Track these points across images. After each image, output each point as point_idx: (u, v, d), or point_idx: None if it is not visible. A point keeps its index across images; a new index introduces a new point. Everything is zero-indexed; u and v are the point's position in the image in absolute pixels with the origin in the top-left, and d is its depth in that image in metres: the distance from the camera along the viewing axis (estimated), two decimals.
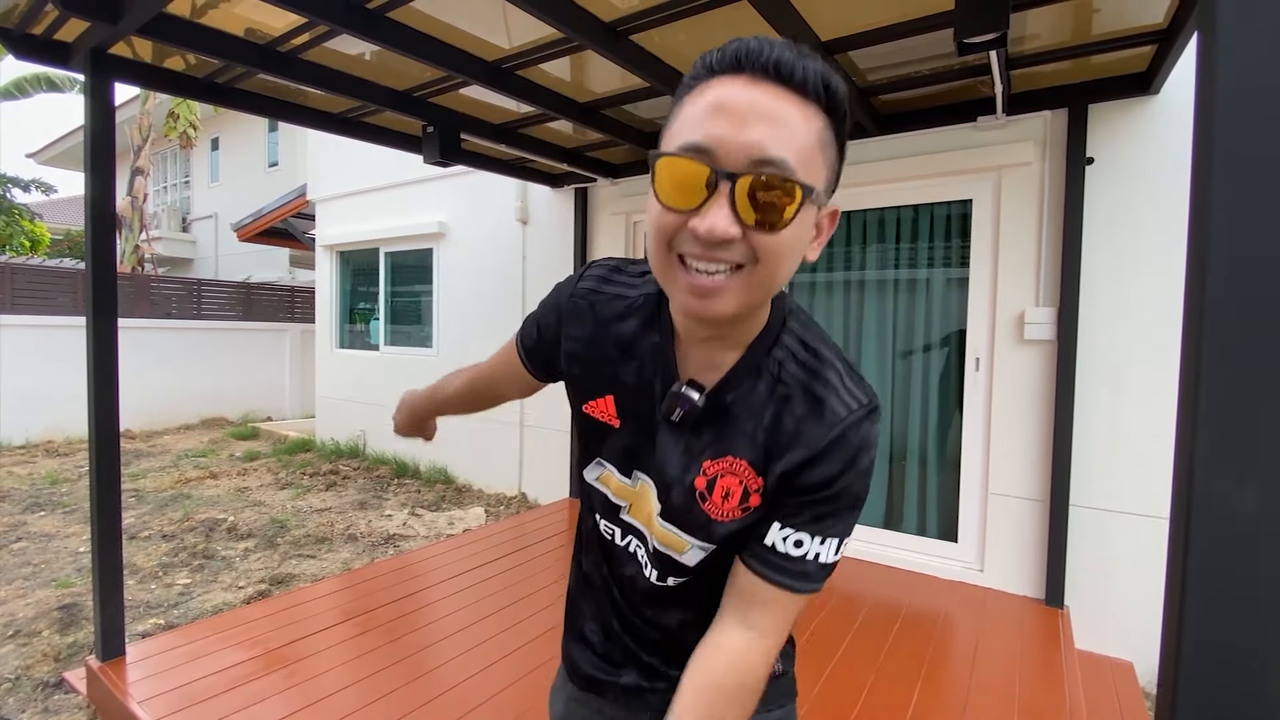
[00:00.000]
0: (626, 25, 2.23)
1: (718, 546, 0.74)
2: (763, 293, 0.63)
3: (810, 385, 0.69)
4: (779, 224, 0.58)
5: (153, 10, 1.97)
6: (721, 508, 0.71)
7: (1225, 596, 0.52)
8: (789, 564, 0.69)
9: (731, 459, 0.71)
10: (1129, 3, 2.08)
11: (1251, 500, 0.51)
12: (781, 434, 0.69)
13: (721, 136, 0.57)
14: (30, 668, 2.74)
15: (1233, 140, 0.51)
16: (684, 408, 0.71)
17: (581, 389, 0.81)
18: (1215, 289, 0.52)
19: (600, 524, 0.85)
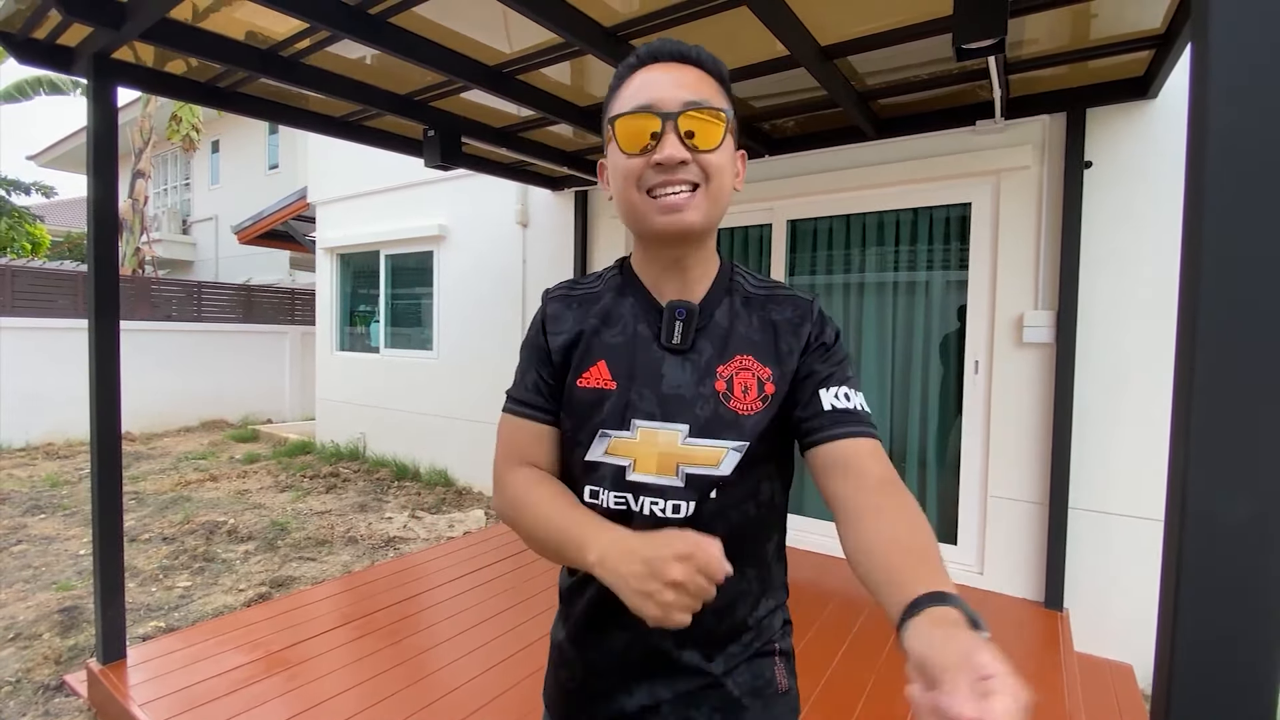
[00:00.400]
0: (627, 30, 2.24)
1: (750, 444, 0.80)
2: (716, 207, 0.80)
3: (773, 292, 0.87)
4: (716, 142, 0.77)
5: (156, 15, 1.98)
6: (745, 401, 0.81)
7: (1217, 603, 0.53)
8: (852, 416, 0.79)
9: (739, 357, 0.82)
10: (1126, 8, 2.09)
11: (1243, 508, 0.52)
12: (774, 326, 0.84)
13: (657, 95, 0.77)
14: (31, 671, 2.74)
15: (1225, 147, 0.51)
16: (680, 316, 0.83)
17: (576, 368, 0.86)
18: (1208, 302, 0.52)
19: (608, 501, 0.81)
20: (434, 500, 5.25)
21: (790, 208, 3.61)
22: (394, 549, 4.25)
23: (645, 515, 0.81)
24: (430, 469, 5.78)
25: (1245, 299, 0.51)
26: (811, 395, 0.81)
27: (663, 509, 0.80)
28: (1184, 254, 0.55)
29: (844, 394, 0.80)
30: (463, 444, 5.51)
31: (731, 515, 0.82)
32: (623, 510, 0.82)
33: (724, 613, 0.83)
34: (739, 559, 0.79)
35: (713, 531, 0.76)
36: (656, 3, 2.10)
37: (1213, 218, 0.52)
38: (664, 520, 0.80)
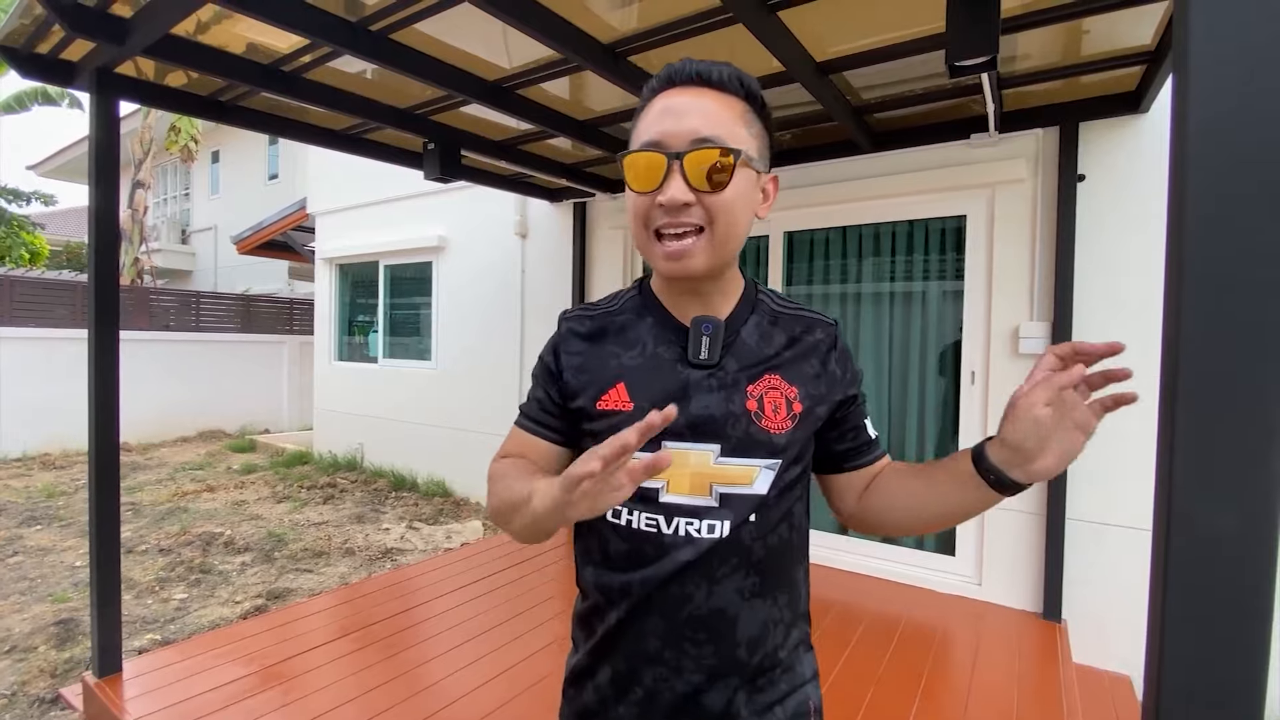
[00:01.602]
0: (625, 47, 2.27)
1: (781, 462, 0.81)
2: (725, 249, 0.78)
3: (797, 312, 0.89)
4: (723, 184, 0.74)
5: (159, 32, 2.00)
6: (775, 420, 0.81)
7: (1205, 614, 0.53)
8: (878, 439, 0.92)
9: (769, 376, 0.83)
10: (1118, 25, 2.12)
11: (1230, 519, 0.53)
12: (801, 346, 0.85)
13: (667, 130, 0.76)
14: (26, 684, 2.73)
15: (1206, 167, 0.53)
16: (708, 330, 0.82)
17: (593, 390, 0.84)
18: (1191, 313, 0.54)
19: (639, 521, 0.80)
20: (431, 511, 5.24)
21: (787, 219, 3.64)
22: (391, 560, 4.24)
23: (680, 536, 0.79)
24: (428, 480, 5.77)
25: (1228, 308, 0.52)
26: (855, 425, 0.88)
27: (698, 529, 0.79)
28: (1167, 264, 0.56)
29: (869, 421, 0.90)
30: (461, 455, 5.51)
31: (770, 539, 0.81)
32: (653, 532, 0.80)
33: (756, 643, 0.81)
34: (774, 585, 0.83)
35: (752, 557, 0.81)
36: (653, 19, 2.13)
37: (1194, 230, 0.53)
38: (699, 540, 0.79)
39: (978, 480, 0.73)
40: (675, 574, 0.79)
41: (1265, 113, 0.50)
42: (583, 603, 0.90)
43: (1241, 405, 0.52)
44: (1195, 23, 0.53)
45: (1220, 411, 0.53)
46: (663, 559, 0.79)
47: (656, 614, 0.80)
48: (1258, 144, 0.51)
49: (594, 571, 0.86)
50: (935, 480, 0.81)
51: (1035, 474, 0.70)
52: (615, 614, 0.82)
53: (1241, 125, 0.51)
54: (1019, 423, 0.68)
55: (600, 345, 0.87)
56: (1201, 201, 0.53)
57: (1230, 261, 0.52)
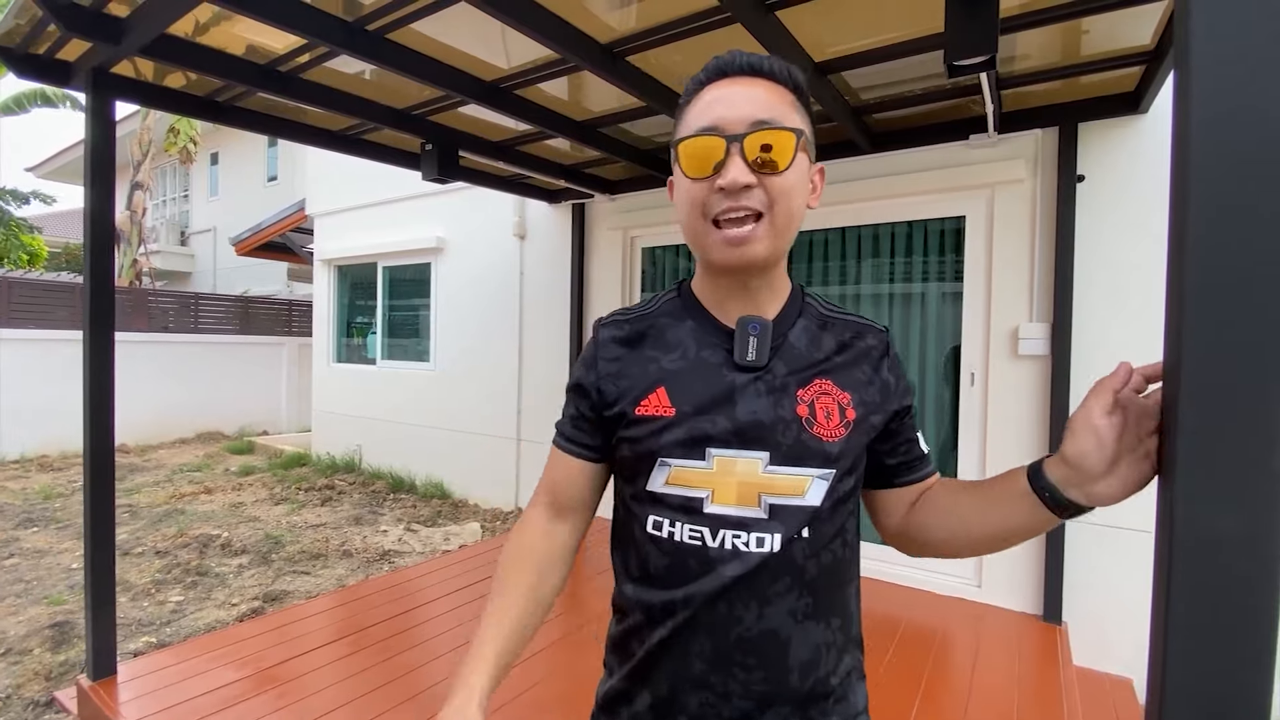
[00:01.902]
0: (623, 47, 2.26)
1: (835, 471, 0.77)
2: (785, 235, 0.76)
3: (847, 318, 0.86)
4: (785, 164, 0.72)
5: (155, 31, 1.99)
6: (828, 427, 0.77)
7: (1209, 619, 0.53)
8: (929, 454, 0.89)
9: (819, 381, 0.79)
10: (1117, 25, 2.12)
11: (1234, 525, 0.52)
12: (852, 351, 0.82)
13: (723, 116, 0.73)
14: (21, 686, 2.71)
15: (1208, 167, 0.52)
16: (754, 331, 0.78)
17: (631, 396, 0.80)
18: (1193, 315, 0.53)
19: (682, 533, 0.76)
20: (430, 513, 5.22)
21: None
22: (389, 562, 4.23)
23: (726, 549, 0.74)
24: (426, 481, 5.76)
25: (1231, 311, 0.51)
26: (908, 438, 0.86)
27: (745, 542, 0.74)
28: (1169, 267, 0.55)
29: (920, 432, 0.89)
30: (459, 456, 5.50)
31: (823, 557, 0.77)
32: (697, 545, 0.75)
33: (809, 668, 0.76)
34: (827, 607, 0.78)
35: (805, 576, 0.76)
36: (652, 20, 2.12)
37: (1196, 232, 0.52)
38: (746, 555, 0.73)
39: (1033, 499, 0.69)
40: (722, 592, 0.74)
41: (1267, 111, 0.49)
42: (619, 624, 0.85)
43: (1244, 408, 0.51)
44: (1196, 22, 0.52)
45: (1223, 414, 0.52)
46: (708, 574, 0.74)
47: (703, 635, 0.75)
48: (1260, 143, 0.50)
49: (634, 588, 0.81)
50: (986, 497, 0.77)
51: (1097, 496, 0.66)
52: (658, 634, 0.77)
53: (1243, 124, 0.51)
54: (1078, 435, 0.64)
55: (638, 349, 0.83)
56: (1204, 203, 0.52)
57: (1233, 264, 0.51)
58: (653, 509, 0.79)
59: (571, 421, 0.87)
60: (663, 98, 2.57)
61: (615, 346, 0.84)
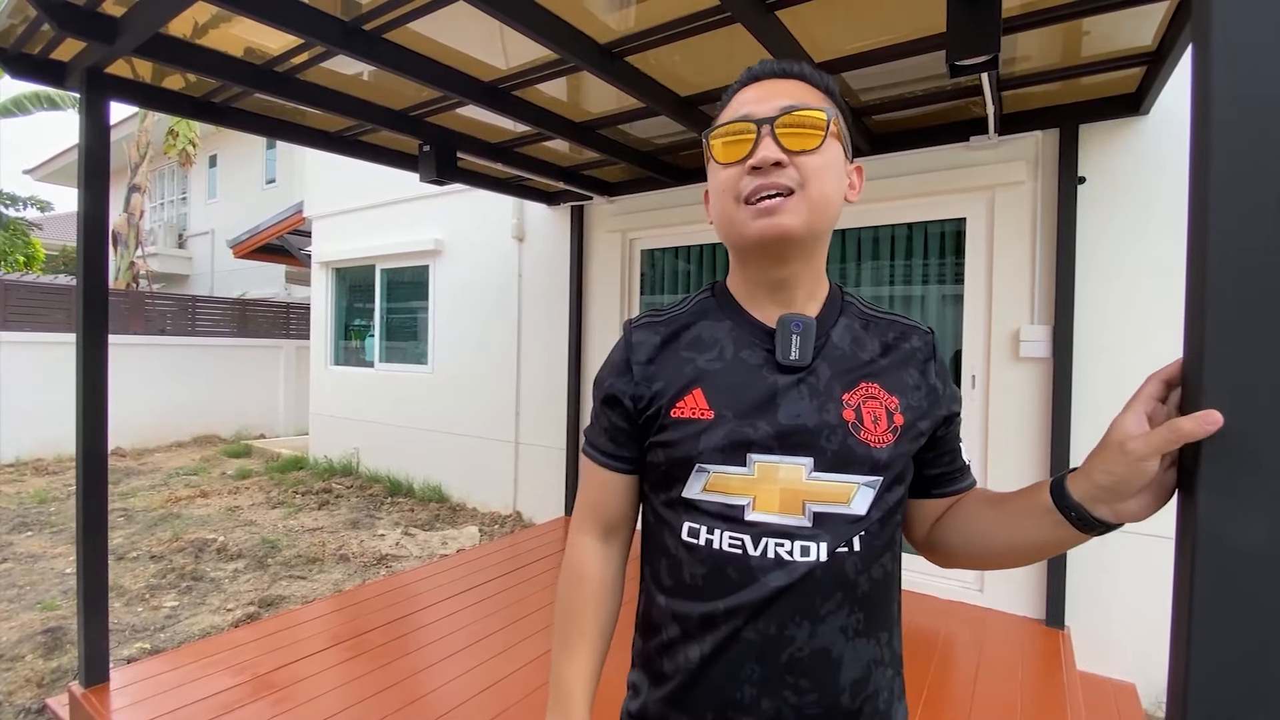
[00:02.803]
0: (622, 47, 2.25)
1: (883, 479, 0.73)
2: (819, 213, 0.73)
3: (891, 319, 0.83)
4: (815, 143, 0.72)
5: (149, 31, 1.97)
6: (875, 433, 0.74)
7: (1231, 628, 0.51)
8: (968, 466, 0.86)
9: (865, 384, 0.76)
10: (1118, 26, 2.11)
11: (1256, 531, 0.50)
12: (898, 353, 0.79)
13: (753, 108, 0.74)
14: (12, 693, 2.68)
15: (1228, 152, 0.50)
16: (797, 329, 0.75)
17: (666, 397, 0.77)
18: (1213, 320, 0.51)
19: (722, 541, 0.73)
20: (427, 517, 5.20)
21: None
22: (386, 567, 4.20)
23: (769, 559, 0.70)
24: (424, 485, 5.73)
25: (1256, 308, 0.50)
26: (952, 448, 0.83)
27: (789, 551, 0.70)
28: (1188, 271, 0.53)
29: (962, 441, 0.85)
30: (457, 460, 5.47)
31: (874, 571, 0.73)
32: (738, 553, 0.72)
33: (860, 687, 0.72)
34: (877, 623, 0.74)
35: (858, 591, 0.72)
36: (651, 20, 2.11)
37: (1217, 228, 0.51)
38: (790, 564, 0.70)
39: (1056, 516, 0.67)
40: (769, 607, 0.70)
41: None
42: (649, 640, 0.80)
43: (1266, 413, 0.49)
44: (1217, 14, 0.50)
45: (1245, 420, 0.50)
46: (750, 585, 0.71)
47: (751, 656, 0.71)
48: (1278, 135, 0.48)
49: (668, 600, 0.77)
50: (1010, 511, 0.74)
51: (1126, 513, 0.64)
52: (697, 650, 0.73)
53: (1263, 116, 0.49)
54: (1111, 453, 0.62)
55: (672, 349, 0.80)
56: (1223, 201, 0.50)
57: (1256, 266, 0.49)
58: (688, 516, 0.75)
59: (607, 434, 0.83)
60: (662, 98, 2.56)
61: (648, 348, 0.81)
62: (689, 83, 2.57)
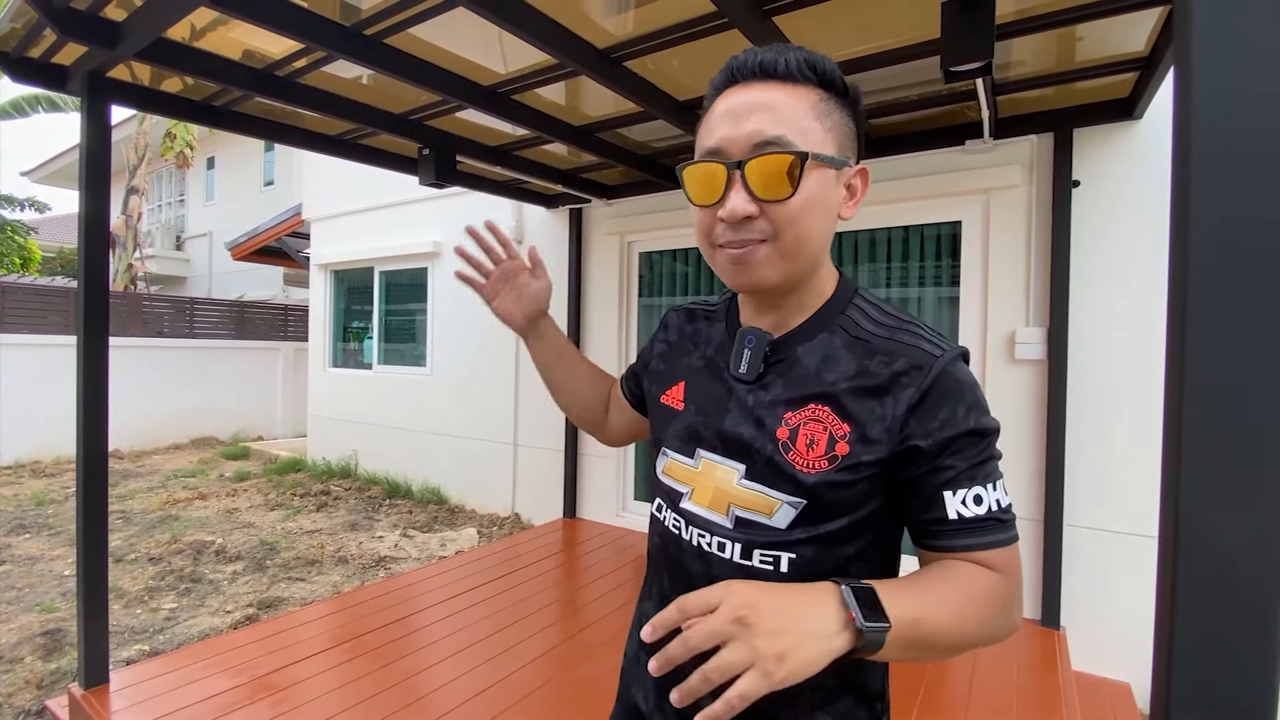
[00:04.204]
0: (621, 52, 2.26)
1: (808, 503, 0.70)
2: (794, 259, 0.71)
3: (894, 336, 0.72)
4: (785, 193, 0.67)
5: (151, 35, 1.99)
6: (806, 457, 0.71)
7: (1214, 626, 0.52)
8: (980, 524, 0.67)
9: (814, 406, 0.72)
10: (1111, 31, 2.13)
11: (1239, 529, 0.52)
12: (872, 378, 0.70)
13: (726, 135, 0.69)
14: (12, 695, 2.68)
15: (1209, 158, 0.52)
16: (749, 344, 0.77)
17: (662, 381, 0.89)
18: (1196, 317, 0.52)
19: (668, 519, 0.82)
20: (426, 519, 5.20)
21: None
22: (385, 569, 4.20)
23: (692, 545, 0.77)
24: (423, 487, 5.73)
25: (1237, 310, 0.51)
26: (932, 496, 0.68)
27: (709, 543, 0.76)
28: (1171, 268, 0.55)
29: (974, 496, 0.68)
30: (456, 461, 5.47)
31: (796, 569, 0.72)
32: (675, 533, 0.80)
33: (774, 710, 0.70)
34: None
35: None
36: (649, 25, 2.12)
37: (1199, 233, 0.52)
38: (708, 555, 0.75)
39: None
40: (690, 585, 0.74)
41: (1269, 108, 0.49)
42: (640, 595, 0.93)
43: (1248, 411, 0.51)
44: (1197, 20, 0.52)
45: (1227, 418, 0.52)
46: (680, 564, 0.80)
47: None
48: (1263, 140, 0.50)
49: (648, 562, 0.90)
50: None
51: None
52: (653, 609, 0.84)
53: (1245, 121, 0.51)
54: None
55: (683, 342, 0.90)
56: (1206, 203, 0.52)
57: (1237, 265, 0.51)
58: (657, 491, 0.86)
59: (629, 371, 1.03)
60: (660, 103, 2.58)
61: (672, 332, 0.93)
62: (687, 87, 2.59)
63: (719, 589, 0.59)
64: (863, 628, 0.57)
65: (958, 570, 0.67)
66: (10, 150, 26.22)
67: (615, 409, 1.08)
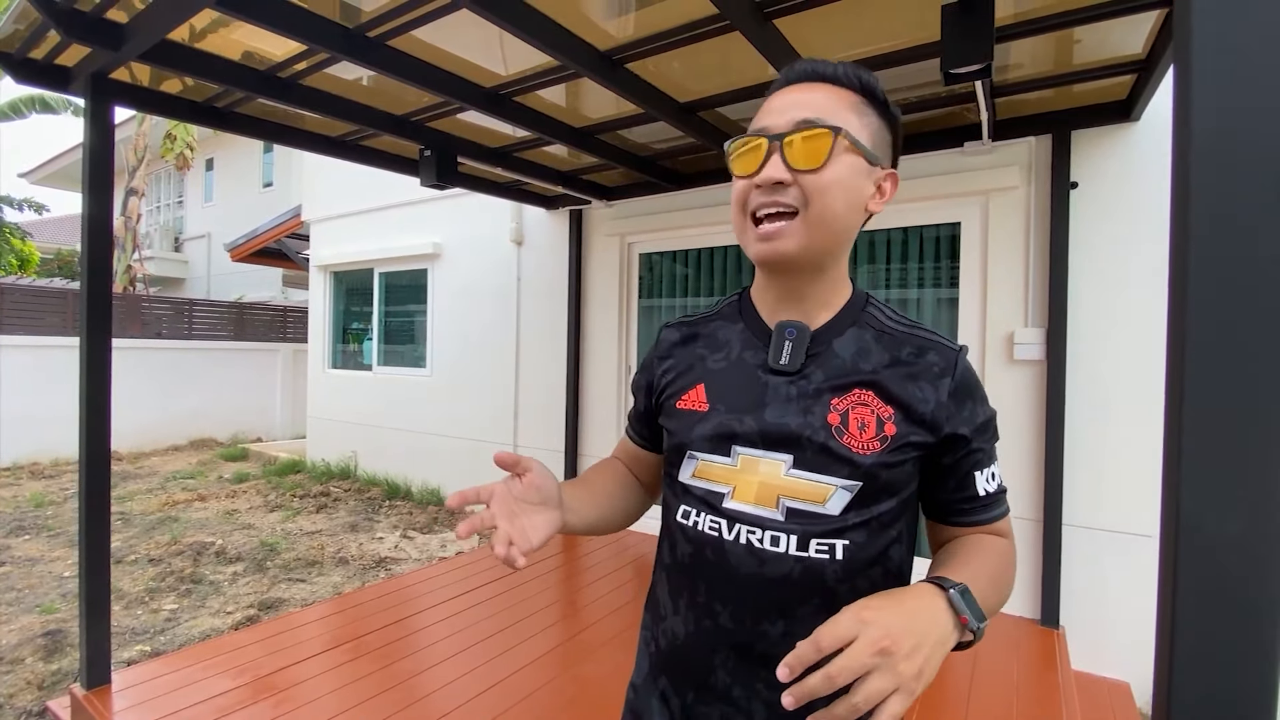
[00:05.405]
0: (622, 54, 2.28)
1: (864, 485, 0.73)
2: (820, 233, 0.74)
3: (914, 333, 0.79)
4: (818, 161, 0.72)
5: (155, 37, 1.99)
6: (860, 439, 0.73)
7: (1214, 620, 0.53)
8: (996, 498, 0.79)
9: (859, 391, 0.75)
10: (1109, 34, 2.14)
11: (1237, 523, 0.53)
12: (907, 366, 0.76)
13: (771, 119, 0.76)
14: (13, 696, 2.68)
15: (1208, 167, 0.53)
16: (790, 335, 0.78)
17: (675, 390, 0.87)
18: (1195, 317, 0.53)
19: (703, 524, 0.79)
20: (426, 520, 5.20)
21: None
22: (385, 570, 4.20)
23: (740, 544, 0.75)
24: (423, 488, 5.73)
25: (1235, 310, 0.52)
26: (966, 476, 0.77)
27: (760, 539, 0.75)
28: (1170, 268, 0.56)
29: (992, 474, 0.79)
30: (456, 462, 5.47)
31: (859, 583, 0.73)
32: (715, 537, 0.78)
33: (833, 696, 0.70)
34: None
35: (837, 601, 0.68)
36: (650, 28, 2.14)
37: (1197, 233, 0.53)
38: (760, 551, 0.74)
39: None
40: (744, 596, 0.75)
41: (1267, 108, 0.50)
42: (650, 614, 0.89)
43: (1247, 409, 0.52)
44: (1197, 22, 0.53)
45: (1226, 415, 0.53)
46: (724, 567, 0.76)
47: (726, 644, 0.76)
48: (1261, 142, 0.51)
49: (665, 576, 0.86)
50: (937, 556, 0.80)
51: None
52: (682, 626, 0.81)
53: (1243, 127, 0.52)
54: None
55: (690, 347, 0.89)
56: (1205, 206, 0.53)
57: (1235, 265, 0.52)
58: (684, 499, 0.83)
59: (634, 413, 0.98)
60: (661, 105, 2.59)
61: (671, 345, 0.92)
62: (688, 89, 2.60)
63: (849, 621, 0.59)
64: (975, 628, 0.63)
65: (991, 545, 0.76)
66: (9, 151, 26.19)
67: (640, 469, 1.00)
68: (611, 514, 0.92)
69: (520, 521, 0.73)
